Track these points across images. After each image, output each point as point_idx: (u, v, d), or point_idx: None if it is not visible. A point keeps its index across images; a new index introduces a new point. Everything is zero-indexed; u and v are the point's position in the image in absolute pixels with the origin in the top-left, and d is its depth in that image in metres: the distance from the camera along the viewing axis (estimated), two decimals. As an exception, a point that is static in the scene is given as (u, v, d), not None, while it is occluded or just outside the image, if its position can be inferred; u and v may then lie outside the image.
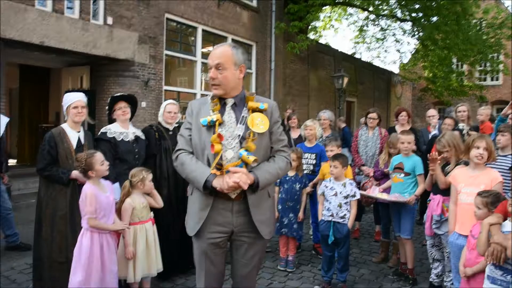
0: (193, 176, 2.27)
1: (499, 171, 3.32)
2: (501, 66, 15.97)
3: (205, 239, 2.35)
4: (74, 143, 3.41)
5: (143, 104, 8.52)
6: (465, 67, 18.06)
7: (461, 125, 5.40)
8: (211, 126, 2.27)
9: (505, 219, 2.55)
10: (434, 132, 6.08)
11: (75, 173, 3.27)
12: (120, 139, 3.77)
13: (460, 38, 12.42)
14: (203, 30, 10.22)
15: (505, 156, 3.73)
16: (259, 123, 2.27)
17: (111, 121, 3.91)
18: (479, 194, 2.85)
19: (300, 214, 4.48)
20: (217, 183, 2.17)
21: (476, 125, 5.78)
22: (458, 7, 12.31)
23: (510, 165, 3.63)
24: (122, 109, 3.84)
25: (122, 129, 3.84)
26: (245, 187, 2.13)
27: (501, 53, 14.75)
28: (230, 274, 2.54)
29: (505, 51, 14.86)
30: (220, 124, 2.29)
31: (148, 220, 3.43)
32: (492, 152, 3.20)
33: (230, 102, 2.36)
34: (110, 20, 7.87)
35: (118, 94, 3.96)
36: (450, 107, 7.85)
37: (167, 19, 9.24)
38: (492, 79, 22.59)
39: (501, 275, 2.43)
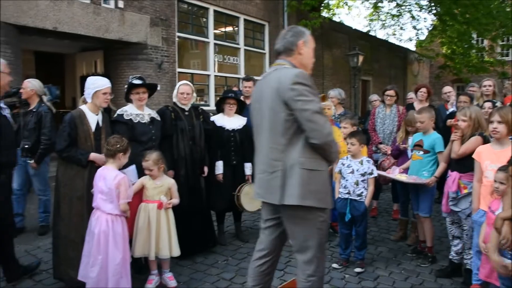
0: None
1: None
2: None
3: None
4: (93, 126, 3.41)
5: (158, 87, 8.49)
6: (485, 42, 17.52)
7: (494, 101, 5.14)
8: None
9: None
10: (451, 109, 5.89)
11: (93, 155, 3.30)
12: (136, 121, 3.78)
13: (480, 12, 12.00)
14: (215, 11, 10.10)
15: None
16: None
17: (128, 100, 3.92)
18: (501, 169, 2.76)
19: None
20: None
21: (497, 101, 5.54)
22: (479, -22, 11.87)
23: None
24: (140, 95, 3.84)
25: (138, 110, 3.84)
26: None
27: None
28: None
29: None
30: None
31: (154, 201, 3.43)
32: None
33: None
34: (121, 4, 7.83)
35: (138, 82, 3.89)
36: (471, 83, 7.47)
37: (178, 0, 9.14)
38: (514, 54, 21.95)
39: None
